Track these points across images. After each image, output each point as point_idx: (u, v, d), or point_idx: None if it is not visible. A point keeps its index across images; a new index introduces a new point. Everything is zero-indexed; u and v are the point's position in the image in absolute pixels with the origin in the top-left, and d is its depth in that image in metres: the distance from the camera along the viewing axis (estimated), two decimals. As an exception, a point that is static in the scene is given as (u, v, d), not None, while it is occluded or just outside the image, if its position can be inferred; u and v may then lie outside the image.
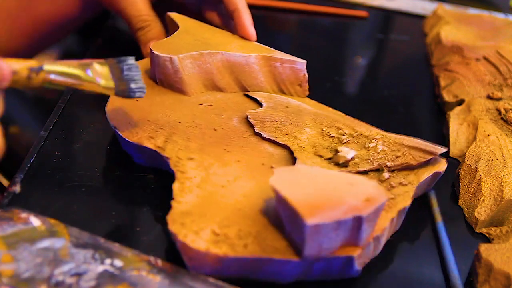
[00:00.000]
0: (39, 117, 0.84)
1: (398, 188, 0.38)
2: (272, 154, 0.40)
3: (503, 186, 0.42)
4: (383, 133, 0.43)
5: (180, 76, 0.45)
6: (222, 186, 0.37)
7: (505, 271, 0.34)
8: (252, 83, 0.47)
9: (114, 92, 0.39)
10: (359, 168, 0.39)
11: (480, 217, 0.41)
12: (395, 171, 0.40)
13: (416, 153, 0.40)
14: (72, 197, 0.39)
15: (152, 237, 0.37)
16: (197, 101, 0.45)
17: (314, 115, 0.44)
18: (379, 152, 0.40)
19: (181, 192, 0.36)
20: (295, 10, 0.77)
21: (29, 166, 0.41)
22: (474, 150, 0.46)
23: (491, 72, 0.58)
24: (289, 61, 0.47)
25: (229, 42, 0.48)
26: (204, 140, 0.40)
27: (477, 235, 0.41)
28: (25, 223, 0.32)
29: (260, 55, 0.47)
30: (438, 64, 0.63)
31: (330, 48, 0.70)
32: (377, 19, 0.80)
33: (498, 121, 0.51)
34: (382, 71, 0.68)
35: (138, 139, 0.40)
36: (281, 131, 0.42)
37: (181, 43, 0.46)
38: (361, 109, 0.58)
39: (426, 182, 0.41)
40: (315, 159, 0.40)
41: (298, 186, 0.32)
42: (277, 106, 0.45)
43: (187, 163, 0.38)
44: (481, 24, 0.71)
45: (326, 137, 0.42)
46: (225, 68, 0.46)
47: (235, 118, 0.43)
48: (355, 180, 0.33)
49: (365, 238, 0.33)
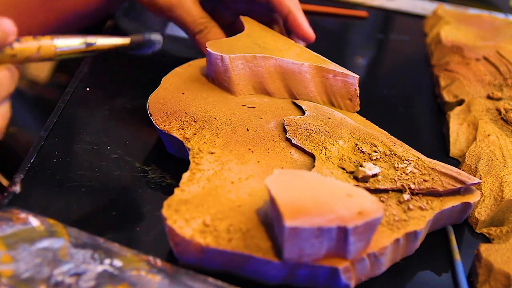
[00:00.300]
0: (39, 117, 0.84)
1: (416, 211, 0.37)
2: (296, 160, 0.40)
3: (503, 186, 0.42)
4: (420, 156, 0.41)
5: (229, 75, 0.45)
6: (231, 182, 0.37)
7: (505, 271, 0.34)
8: (302, 92, 0.47)
9: (128, 44, 0.38)
10: (379, 185, 0.38)
11: (480, 217, 0.41)
12: (419, 194, 0.38)
13: (445, 179, 0.38)
14: (72, 197, 0.39)
15: (152, 237, 0.37)
16: (242, 101, 0.45)
17: (353, 129, 0.43)
18: (407, 174, 0.39)
19: (188, 182, 0.36)
20: (295, 10, 0.77)
21: (29, 166, 0.41)
22: (474, 150, 0.46)
23: (491, 72, 0.58)
24: (341, 74, 0.47)
25: (287, 49, 0.48)
26: (232, 138, 0.41)
27: (477, 235, 0.41)
28: (24, 223, 0.32)
29: (313, 64, 0.46)
30: (438, 64, 0.63)
31: (330, 48, 0.70)
32: (377, 19, 0.80)
33: (498, 121, 0.51)
34: (382, 71, 0.68)
35: (169, 128, 0.41)
36: (313, 140, 0.41)
37: (239, 44, 0.47)
38: (361, 109, 0.58)
39: (453, 212, 0.39)
40: (336, 170, 0.39)
41: (291, 189, 0.32)
42: (319, 116, 0.44)
43: (205, 155, 0.38)
44: (481, 24, 0.71)
45: (357, 152, 0.41)
46: (277, 73, 0.46)
47: (273, 121, 0.43)
48: (355, 193, 0.32)
49: (354, 251, 0.32)
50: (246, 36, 0.49)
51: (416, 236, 0.36)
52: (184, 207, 0.34)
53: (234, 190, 0.36)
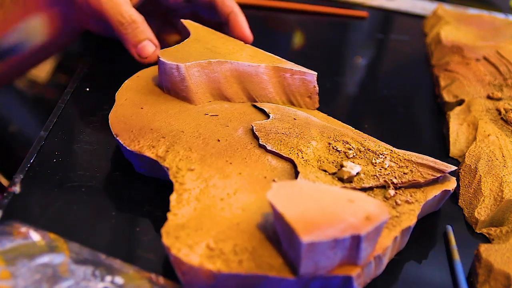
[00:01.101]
0: (39, 117, 0.85)
1: (404, 206, 0.37)
2: (275, 167, 0.39)
3: (503, 186, 0.42)
4: (392, 148, 0.41)
5: (186, 85, 0.44)
6: (221, 199, 0.36)
7: (505, 271, 0.34)
8: (261, 94, 0.46)
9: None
10: (364, 184, 0.38)
11: (480, 217, 0.41)
12: (402, 188, 0.39)
13: (424, 170, 0.39)
14: (72, 197, 0.39)
15: (152, 237, 0.37)
16: (203, 110, 0.44)
17: (321, 128, 0.43)
18: (386, 168, 0.39)
19: (178, 204, 0.35)
20: (295, 10, 0.77)
21: (29, 166, 0.41)
22: (474, 150, 0.46)
23: (491, 72, 0.58)
24: (299, 72, 0.46)
25: (239, 51, 0.47)
26: (206, 150, 0.39)
27: (477, 235, 0.41)
28: (25, 237, 0.32)
29: (270, 65, 0.46)
30: (438, 64, 0.63)
31: (330, 48, 0.70)
32: (377, 19, 0.80)
33: (498, 121, 0.51)
34: (382, 71, 0.68)
35: (139, 148, 0.39)
36: (286, 144, 0.41)
37: (190, 51, 0.45)
38: (361, 109, 0.58)
39: (434, 201, 0.39)
40: (319, 173, 0.39)
41: (296, 202, 0.31)
42: (284, 118, 0.44)
43: (186, 174, 0.37)
44: (481, 24, 0.71)
45: (332, 151, 0.41)
46: (233, 77, 0.45)
47: (240, 129, 0.42)
48: (356, 197, 0.32)
49: (365, 257, 0.32)
50: (194, 41, 0.47)
51: (409, 231, 0.37)
52: (183, 233, 0.33)
53: (226, 207, 0.35)
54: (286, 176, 0.39)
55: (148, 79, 0.47)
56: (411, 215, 0.37)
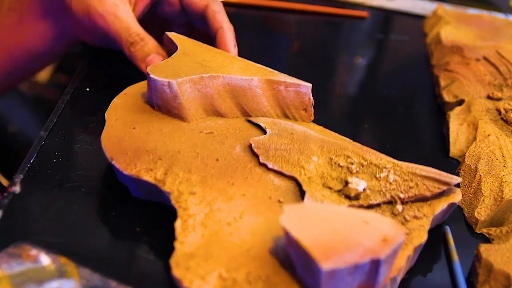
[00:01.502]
0: (39, 117, 0.85)
1: (413, 222, 0.36)
2: (279, 186, 0.38)
3: (503, 186, 0.42)
4: (394, 161, 0.40)
5: (179, 102, 0.42)
6: (228, 223, 0.34)
7: (505, 271, 0.34)
8: (255, 108, 0.45)
9: None
10: (371, 201, 0.37)
11: (480, 217, 0.41)
12: (408, 202, 0.38)
13: (430, 183, 0.38)
14: (72, 197, 0.39)
15: (151, 237, 0.37)
16: (197, 128, 0.42)
17: (321, 142, 0.41)
18: (391, 183, 0.38)
19: (184, 231, 0.33)
20: (295, 10, 0.77)
21: (29, 166, 0.41)
22: (474, 150, 0.46)
23: (491, 72, 0.58)
24: (293, 85, 0.45)
25: (230, 64, 0.45)
26: (206, 171, 0.38)
27: (477, 235, 0.41)
28: (34, 261, 0.31)
29: (263, 78, 0.44)
30: (438, 64, 0.63)
31: (330, 48, 0.70)
32: (377, 19, 0.80)
33: (498, 121, 0.51)
34: (382, 71, 0.68)
35: (136, 172, 0.37)
36: (287, 160, 0.40)
37: (180, 65, 0.44)
38: (361, 109, 0.58)
39: (440, 214, 0.39)
40: (325, 191, 0.38)
41: (310, 226, 0.30)
42: (282, 132, 0.42)
43: (189, 198, 0.36)
44: (481, 24, 0.71)
45: (335, 167, 0.39)
46: (226, 92, 0.44)
47: (238, 146, 0.41)
48: (370, 218, 0.31)
49: (383, 280, 0.31)
50: (183, 55, 0.45)
51: (421, 248, 0.36)
52: (193, 263, 0.31)
53: (234, 232, 0.34)
54: (290, 195, 0.38)
55: (137, 96, 0.45)
56: (422, 231, 0.36)
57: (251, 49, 0.66)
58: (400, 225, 0.36)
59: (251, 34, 0.70)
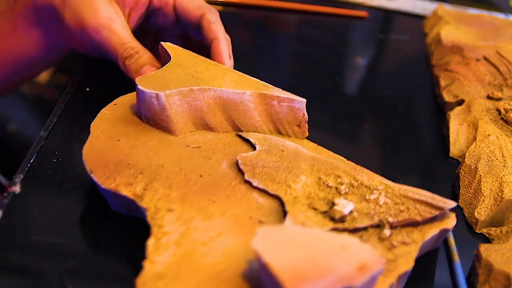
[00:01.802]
0: (39, 117, 0.84)
1: (400, 248, 0.34)
2: (262, 205, 0.37)
3: (503, 186, 0.42)
4: (387, 182, 0.38)
5: (166, 114, 0.40)
6: (203, 243, 0.33)
7: (505, 271, 0.34)
8: (246, 123, 0.43)
9: None
10: (357, 224, 0.35)
11: (480, 217, 0.41)
12: (398, 227, 0.36)
13: (422, 207, 0.36)
14: (72, 197, 0.39)
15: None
16: (184, 141, 0.41)
17: (312, 161, 0.40)
18: (381, 205, 0.36)
19: (156, 250, 0.32)
20: (295, 10, 0.77)
21: (29, 166, 0.41)
22: (474, 150, 0.46)
23: (491, 72, 0.58)
24: (287, 100, 0.43)
25: (223, 76, 0.44)
26: (188, 187, 0.37)
27: (477, 235, 0.41)
28: None
29: (256, 92, 0.43)
30: (438, 64, 0.63)
31: (330, 48, 0.70)
32: (377, 19, 0.80)
33: (498, 121, 0.51)
34: (382, 71, 0.68)
35: (115, 186, 0.36)
36: (274, 179, 0.38)
37: (171, 77, 0.42)
38: (361, 109, 0.58)
39: (431, 240, 0.37)
40: (309, 212, 0.36)
41: (284, 250, 0.29)
42: (272, 149, 0.41)
43: (166, 215, 0.34)
44: (481, 24, 0.71)
45: (323, 187, 0.38)
46: (217, 105, 0.42)
47: (225, 162, 0.39)
48: (349, 243, 0.30)
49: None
50: (176, 66, 0.44)
51: (406, 275, 0.34)
52: (161, 284, 0.30)
53: (209, 252, 0.32)
54: (273, 215, 0.36)
55: (126, 107, 0.43)
56: (408, 258, 0.34)
57: (251, 49, 0.66)
58: (385, 249, 0.34)
59: (251, 34, 0.70)
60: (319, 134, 0.47)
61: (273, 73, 0.62)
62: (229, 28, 0.52)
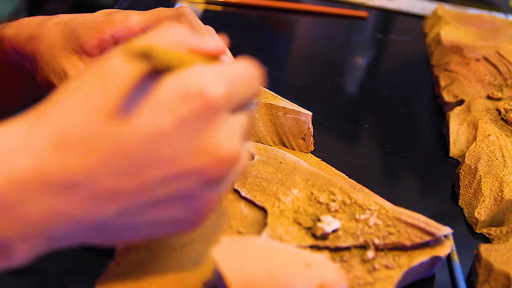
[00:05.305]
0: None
1: (382, 271, 0.33)
2: (246, 216, 0.36)
3: (503, 186, 0.42)
4: (383, 203, 0.37)
5: None
6: (173, 249, 0.33)
7: (505, 271, 0.34)
8: (250, 132, 0.42)
9: None
10: (339, 243, 0.34)
11: (480, 217, 0.41)
12: (385, 250, 0.34)
13: (413, 231, 0.35)
14: (72, 197, 0.39)
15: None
16: None
17: (308, 175, 0.39)
18: (370, 226, 0.35)
19: (125, 252, 0.32)
20: (295, 10, 0.77)
21: (29, 166, 0.41)
22: (474, 150, 0.46)
23: (491, 72, 0.58)
24: (292, 112, 0.43)
25: None
26: None
27: (477, 235, 0.41)
28: None
29: (262, 102, 0.42)
30: (438, 64, 0.63)
31: (330, 48, 0.70)
32: (377, 19, 0.80)
33: (498, 121, 0.51)
34: (382, 71, 0.68)
35: None
36: (264, 190, 0.37)
37: None
38: (361, 109, 0.58)
39: (422, 267, 0.35)
40: (292, 227, 0.35)
41: (243, 262, 0.28)
42: (270, 160, 0.40)
43: None
44: (481, 24, 0.71)
45: (314, 202, 0.37)
46: None
47: None
48: (314, 261, 0.29)
49: None
50: None
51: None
52: (120, 286, 0.30)
53: (178, 258, 0.32)
54: (255, 227, 0.35)
55: None
56: (388, 282, 0.32)
57: (251, 49, 0.66)
58: (365, 271, 0.33)
59: (251, 34, 0.70)
60: (319, 134, 0.47)
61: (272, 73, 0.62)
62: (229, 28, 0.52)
